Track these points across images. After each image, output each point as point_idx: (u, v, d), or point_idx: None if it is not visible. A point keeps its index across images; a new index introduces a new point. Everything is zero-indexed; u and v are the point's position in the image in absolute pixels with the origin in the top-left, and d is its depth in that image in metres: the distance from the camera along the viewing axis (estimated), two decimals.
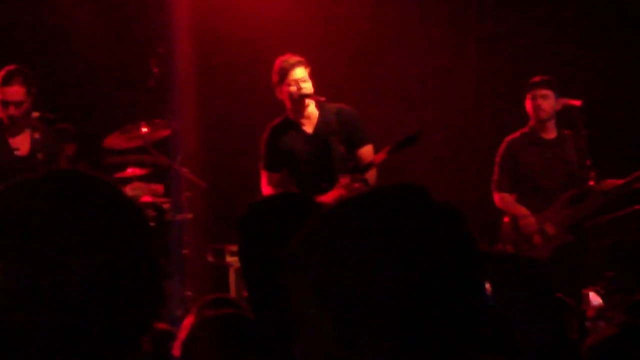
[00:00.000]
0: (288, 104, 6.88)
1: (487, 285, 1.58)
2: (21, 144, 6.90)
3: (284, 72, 6.77)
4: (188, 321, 3.58)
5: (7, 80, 6.82)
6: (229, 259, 7.44)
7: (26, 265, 1.43)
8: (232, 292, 7.38)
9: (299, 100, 6.81)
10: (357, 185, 6.56)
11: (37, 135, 6.89)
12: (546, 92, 7.22)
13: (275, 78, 6.85)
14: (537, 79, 7.29)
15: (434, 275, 1.46)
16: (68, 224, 1.45)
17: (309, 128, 6.94)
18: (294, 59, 6.82)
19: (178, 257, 7.66)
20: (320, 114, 6.93)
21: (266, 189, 6.96)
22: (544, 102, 7.22)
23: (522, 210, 7.20)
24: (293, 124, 6.95)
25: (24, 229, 1.45)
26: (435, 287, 1.46)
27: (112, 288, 1.46)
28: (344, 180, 6.64)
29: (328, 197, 6.54)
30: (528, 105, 7.29)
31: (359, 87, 9.00)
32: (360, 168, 6.70)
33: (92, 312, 1.44)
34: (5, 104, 6.82)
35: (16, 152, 6.86)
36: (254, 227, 2.75)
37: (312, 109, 6.90)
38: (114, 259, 1.46)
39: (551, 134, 7.34)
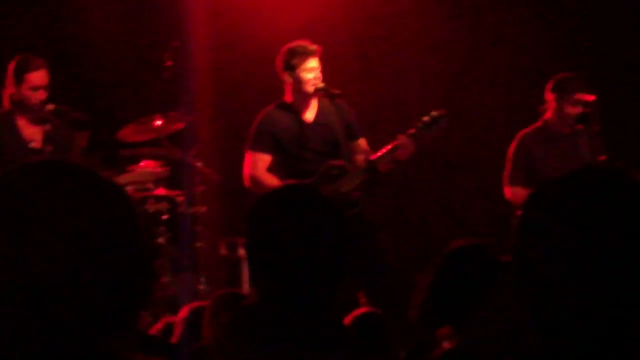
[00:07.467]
0: (292, 89, 6.82)
1: None
2: (35, 136, 6.88)
3: (302, 58, 6.70)
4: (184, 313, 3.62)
5: (34, 66, 6.77)
6: (242, 252, 7.45)
7: (16, 249, 1.46)
8: (245, 285, 7.40)
9: (313, 91, 6.77)
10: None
11: (49, 128, 6.86)
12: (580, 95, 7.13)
13: (285, 61, 6.75)
14: (568, 78, 7.19)
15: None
16: (55, 210, 1.50)
17: (309, 116, 6.90)
18: (312, 46, 6.75)
19: (191, 250, 7.69)
20: (320, 104, 6.91)
21: (256, 171, 6.75)
22: (575, 107, 7.14)
23: None
24: (292, 110, 6.87)
25: (14, 215, 1.48)
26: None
27: (102, 268, 1.51)
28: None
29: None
30: (553, 101, 7.18)
31: (367, 80, 9.02)
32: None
33: (84, 293, 1.49)
34: (35, 89, 6.76)
35: (30, 145, 6.84)
36: (263, 219, 2.75)
37: (314, 98, 6.88)
38: (101, 240, 1.51)
39: (565, 128, 7.29)
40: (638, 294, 1.59)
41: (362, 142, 6.93)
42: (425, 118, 6.78)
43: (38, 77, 6.75)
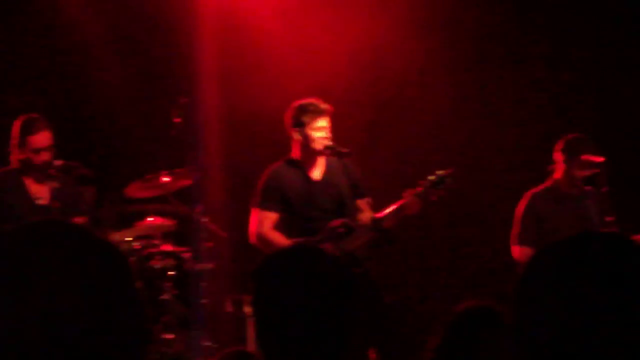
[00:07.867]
0: (300, 146, 6.81)
1: None
2: (43, 193, 6.91)
3: (312, 117, 6.68)
4: None
5: (35, 128, 6.82)
6: (248, 309, 7.41)
7: (12, 307, 1.47)
8: (250, 342, 7.35)
9: (322, 149, 6.77)
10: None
11: (56, 184, 6.89)
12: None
13: (295, 118, 6.74)
14: (577, 140, 7.18)
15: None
16: (51, 270, 1.51)
17: (316, 174, 6.88)
18: (324, 105, 6.74)
19: (197, 307, 7.65)
20: (327, 162, 6.89)
21: (263, 229, 6.72)
22: (583, 169, 7.12)
23: None
24: (299, 167, 6.86)
25: (14, 273, 1.49)
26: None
27: (97, 328, 1.51)
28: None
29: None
30: (561, 161, 7.18)
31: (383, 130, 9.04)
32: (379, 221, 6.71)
33: (79, 352, 1.49)
34: (37, 151, 6.80)
35: (37, 202, 6.87)
36: (269, 279, 2.74)
37: (322, 156, 6.87)
38: (96, 302, 1.52)
39: (573, 189, 7.26)
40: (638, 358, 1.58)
41: (368, 201, 6.91)
42: (432, 177, 6.77)
43: (40, 139, 6.80)
